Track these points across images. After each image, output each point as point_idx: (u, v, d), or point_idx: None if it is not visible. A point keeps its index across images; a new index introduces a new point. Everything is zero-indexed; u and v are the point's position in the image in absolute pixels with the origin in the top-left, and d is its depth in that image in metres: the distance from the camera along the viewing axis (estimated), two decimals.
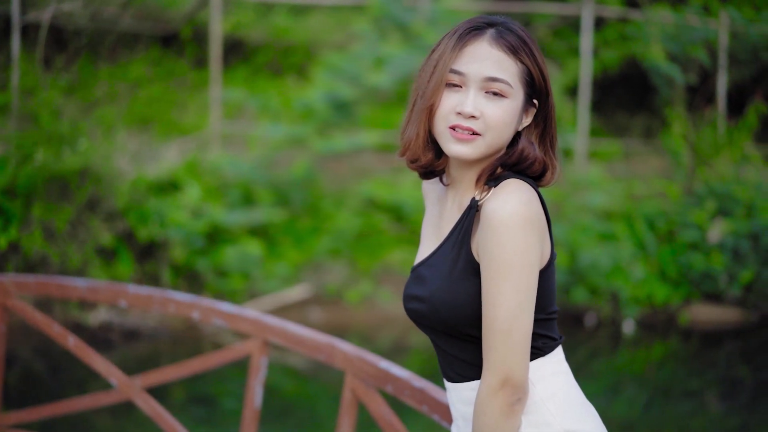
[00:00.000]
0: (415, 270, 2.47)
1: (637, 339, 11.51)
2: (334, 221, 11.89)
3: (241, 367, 7.09)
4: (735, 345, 11.68)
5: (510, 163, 2.35)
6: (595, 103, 14.72)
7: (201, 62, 14.50)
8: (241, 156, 12.19)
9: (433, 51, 2.37)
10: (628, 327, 11.62)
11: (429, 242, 2.50)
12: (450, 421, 2.99)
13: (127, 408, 6.82)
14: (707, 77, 14.45)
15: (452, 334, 2.37)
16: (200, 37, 14.58)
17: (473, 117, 2.28)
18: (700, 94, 14.57)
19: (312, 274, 11.65)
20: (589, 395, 2.98)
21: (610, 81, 15.34)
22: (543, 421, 2.32)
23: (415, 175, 12.46)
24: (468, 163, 2.37)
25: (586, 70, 13.61)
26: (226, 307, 4.01)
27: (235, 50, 14.64)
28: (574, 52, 14.64)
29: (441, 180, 2.50)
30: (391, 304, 11.49)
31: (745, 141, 13.10)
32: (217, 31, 13.08)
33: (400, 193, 12.00)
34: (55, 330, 4.51)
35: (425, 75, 2.35)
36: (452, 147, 2.31)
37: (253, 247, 11.20)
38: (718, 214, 12.08)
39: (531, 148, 2.36)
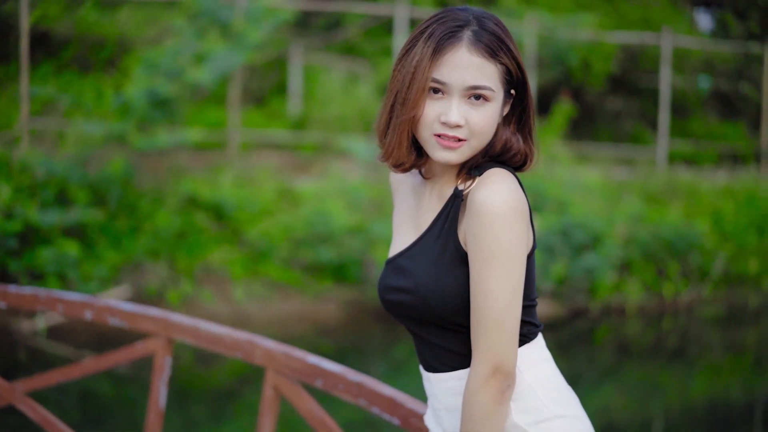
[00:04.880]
0: (393, 261, 2.44)
1: None
2: (152, 221, 11.62)
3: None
4: (548, 337, 12.04)
5: (493, 155, 2.37)
6: None
7: (1, 57, 13.87)
8: (53, 154, 11.75)
9: (406, 53, 2.32)
10: None
11: (406, 234, 2.48)
12: (394, 418, 2.99)
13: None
14: None
15: (439, 324, 2.36)
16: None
17: (458, 126, 2.28)
18: None
19: (131, 275, 11.37)
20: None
21: None
22: (533, 407, 2.36)
23: (235, 174, 12.22)
24: None
25: None
26: (124, 305, 3.85)
27: (40, 44, 14.07)
28: (387, 52, 14.79)
29: (420, 172, 2.49)
30: (212, 304, 11.33)
31: (554, 140, 13.57)
32: (25, 24, 12.55)
33: (220, 191, 11.85)
34: None
35: (403, 81, 2.30)
36: (439, 154, 2.30)
37: (70, 248, 10.83)
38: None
39: (513, 138, 2.38)
